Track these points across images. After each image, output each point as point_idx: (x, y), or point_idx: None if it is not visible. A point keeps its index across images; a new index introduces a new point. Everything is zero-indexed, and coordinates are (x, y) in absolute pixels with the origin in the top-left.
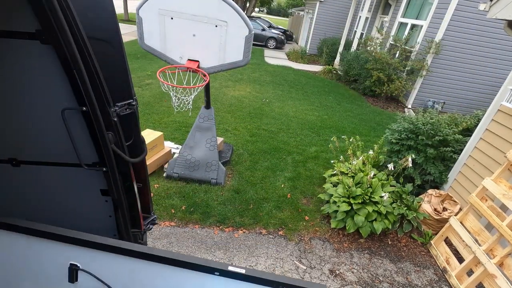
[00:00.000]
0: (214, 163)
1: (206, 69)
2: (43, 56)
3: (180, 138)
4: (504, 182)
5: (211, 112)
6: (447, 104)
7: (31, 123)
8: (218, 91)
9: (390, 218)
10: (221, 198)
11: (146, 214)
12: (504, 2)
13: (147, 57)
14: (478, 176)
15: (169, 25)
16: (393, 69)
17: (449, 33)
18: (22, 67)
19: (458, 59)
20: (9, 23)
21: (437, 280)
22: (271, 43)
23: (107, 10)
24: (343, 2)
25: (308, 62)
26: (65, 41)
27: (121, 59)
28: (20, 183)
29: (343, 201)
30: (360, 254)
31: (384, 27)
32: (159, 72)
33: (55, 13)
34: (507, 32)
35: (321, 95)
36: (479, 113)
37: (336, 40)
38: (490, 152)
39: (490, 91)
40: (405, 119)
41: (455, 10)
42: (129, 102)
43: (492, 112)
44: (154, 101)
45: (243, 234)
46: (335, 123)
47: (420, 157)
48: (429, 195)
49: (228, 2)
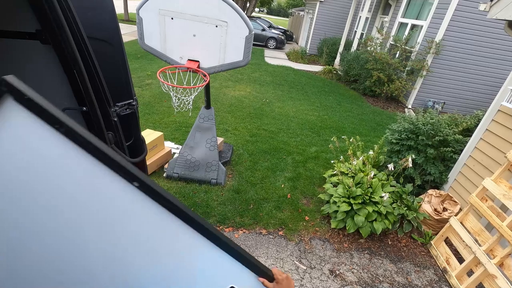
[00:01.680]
0: (214, 163)
1: (206, 69)
2: (43, 56)
3: (180, 138)
4: (504, 183)
5: (211, 112)
6: (447, 104)
7: None
8: (218, 91)
9: (390, 218)
10: (221, 198)
11: None
12: (504, 3)
13: (147, 57)
14: (478, 176)
15: (169, 25)
16: (393, 69)
17: (449, 33)
18: (22, 67)
19: (458, 59)
20: (9, 23)
21: (437, 280)
22: (271, 43)
23: (107, 10)
24: (343, 2)
25: (308, 62)
26: (65, 41)
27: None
28: None
29: (343, 201)
30: (360, 254)
31: (384, 27)
32: (159, 72)
33: (55, 13)
34: (507, 32)
35: (321, 95)
36: (479, 113)
37: (336, 40)
38: (490, 152)
39: (490, 91)
40: (405, 119)
41: (455, 10)
42: (129, 102)
43: (492, 113)
44: (154, 101)
45: (243, 234)
46: (335, 123)
47: (420, 157)
48: (429, 195)
49: (228, 2)
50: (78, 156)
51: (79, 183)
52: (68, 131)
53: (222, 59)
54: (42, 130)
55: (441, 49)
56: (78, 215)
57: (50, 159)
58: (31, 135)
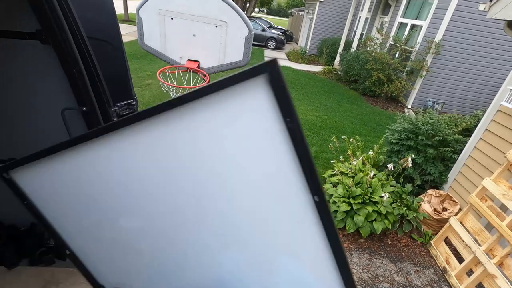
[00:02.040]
0: None
1: (206, 69)
2: (43, 56)
3: None
4: (504, 182)
5: None
6: (447, 104)
7: (31, 123)
8: None
9: (390, 218)
10: None
11: None
12: (504, 2)
13: (147, 57)
14: (478, 176)
15: (169, 25)
16: (393, 69)
17: (449, 33)
18: (22, 67)
19: (458, 59)
20: (9, 23)
21: (437, 280)
22: (271, 44)
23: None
24: (343, 2)
25: (308, 63)
26: (65, 41)
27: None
28: None
29: (343, 201)
30: (360, 254)
31: (384, 27)
32: (159, 72)
33: (55, 13)
34: (506, 32)
35: (321, 95)
36: (478, 113)
37: (336, 40)
38: (490, 152)
39: (489, 91)
40: (405, 119)
41: (454, 11)
42: (129, 102)
43: (491, 112)
44: (154, 102)
45: None
46: (335, 123)
47: (420, 157)
48: (429, 195)
49: (228, 2)
50: (287, 152)
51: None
52: (292, 129)
53: (222, 59)
54: (273, 119)
55: (441, 49)
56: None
57: (260, 146)
58: (262, 119)
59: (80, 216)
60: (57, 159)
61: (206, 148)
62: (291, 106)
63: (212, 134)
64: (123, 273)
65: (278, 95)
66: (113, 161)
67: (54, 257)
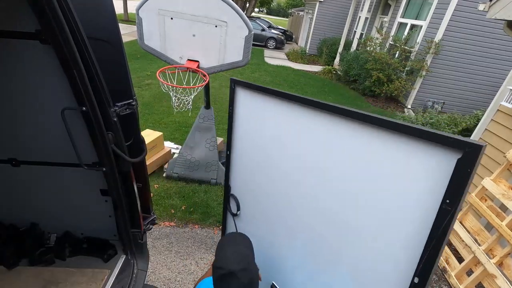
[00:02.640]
0: (214, 163)
1: (206, 69)
2: (43, 56)
3: (180, 138)
4: (504, 182)
5: (211, 112)
6: (446, 104)
7: (31, 123)
8: (218, 91)
9: None
10: (221, 198)
11: (146, 214)
12: (504, 2)
13: (147, 57)
14: (477, 176)
15: (169, 25)
16: (392, 69)
17: (448, 33)
18: (22, 67)
19: (457, 59)
20: (9, 23)
21: (437, 280)
22: (271, 43)
23: (107, 10)
24: (343, 2)
25: (308, 62)
26: (65, 41)
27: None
28: (20, 183)
29: None
30: None
31: (384, 27)
32: (159, 72)
33: (55, 13)
34: (506, 32)
35: (321, 95)
36: (478, 113)
37: (335, 40)
38: (490, 152)
39: (489, 91)
40: (404, 119)
41: (454, 10)
42: (129, 102)
43: (491, 112)
44: (154, 101)
45: None
46: None
47: None
48: None
49: (228, 2)
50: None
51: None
52: (445, 213)
53: (222, 59)
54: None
55: (441, 49)
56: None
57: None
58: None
59: (253, 156)
60: (272, 99)
61: (363, 169)
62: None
63: (372, 165)
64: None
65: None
66: (310, 134)
67: (54, 257)
